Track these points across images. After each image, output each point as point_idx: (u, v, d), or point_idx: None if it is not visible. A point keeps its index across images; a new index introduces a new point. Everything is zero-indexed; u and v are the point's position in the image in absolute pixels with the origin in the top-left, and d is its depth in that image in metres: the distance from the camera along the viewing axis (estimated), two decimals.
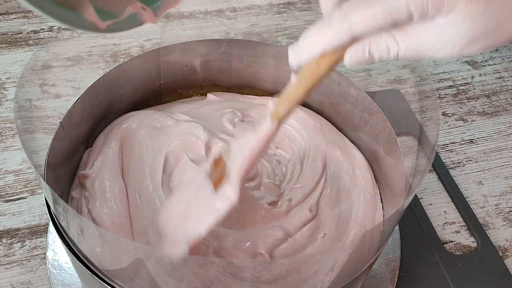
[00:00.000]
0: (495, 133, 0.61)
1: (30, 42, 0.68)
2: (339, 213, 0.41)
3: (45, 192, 0.35)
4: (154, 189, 0.41)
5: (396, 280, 0.44)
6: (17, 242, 0.47)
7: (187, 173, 0.40)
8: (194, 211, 0.34)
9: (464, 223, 0.52)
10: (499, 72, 0.70)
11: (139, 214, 0.40)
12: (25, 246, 0.47)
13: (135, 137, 0.45)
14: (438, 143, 0.59)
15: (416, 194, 0.53)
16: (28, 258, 0.46)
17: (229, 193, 0.32)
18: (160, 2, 0.33)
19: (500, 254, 0.49)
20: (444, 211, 0.53)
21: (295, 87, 0.30)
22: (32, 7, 0.25)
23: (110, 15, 0.30)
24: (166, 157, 0.43)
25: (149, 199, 0.40)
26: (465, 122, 0.63)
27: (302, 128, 0.47)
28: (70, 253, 0.33)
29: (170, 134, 0.45)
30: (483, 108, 0.64)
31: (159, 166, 0.43)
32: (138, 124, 0.46)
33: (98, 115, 0.46)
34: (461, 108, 0.64)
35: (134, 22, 0.32)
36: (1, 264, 0.45)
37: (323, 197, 0.43)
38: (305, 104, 0.51)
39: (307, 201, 0.42)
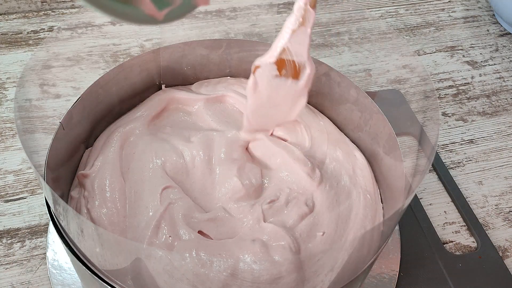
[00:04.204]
0: (495, 133, 0.61)
1: (30, 42, 0.68)
2: (338, 213, 0.41)
3: (45, 192, 0.35)
4: (154, 189, 0.41)
5: (396, 280, 0.44)
6: (17, 242, 0.47)
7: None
8: (285, 102, 0.42)
9: (464, 223, 0.52)
10: (499, 72, 0.70)
11: (137, 213, 0.40)
12: (25, 246, 0.47)
13: (138, 137, 0.45)
14: (438, 143, 0.59)
15: (416, 194, 0.53)
16: (28, 258, 0.46)
17: (311, 67, 0.40)
18: None
19: (500, 254, 0.49)
20: (444, 211, 0.53)
21: None
22: (85, 3, 0.25)
23: (164, 3, 0.30)
24: (167, 159, 0.43)
25: (149, 199, 0.40)
26: (465, 122, 0.63)
27: (306, 126, 0.48)
28: (70, 253, 0.33)
29: (174, 139, 0.45)
30: (483, 108, 0.64)
31: (159, 168, 0.43)
32: (141, 124, 0.46)
33: (98, 115, 0.46)
34: (461, 108, 0.64)
35: (188, 6, 0.32)
36: (1, 264, 0.45)
37: (322, 196, 0.43)
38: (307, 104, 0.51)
39: (301, 198, 0.42)
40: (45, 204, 0.36)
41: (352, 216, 0.41)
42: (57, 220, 0.34)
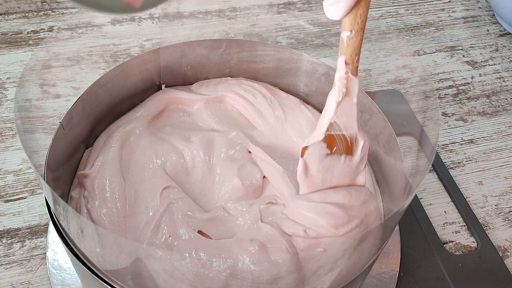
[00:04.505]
0: (495, 133, 0.61)
1: (30, 42, 0.68)
2: None
3: (45, 192, 0.35)
4: (154, 189, 0.41)
5: (396, 280, 0.44)
6: (17, 242, 0.47)
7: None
8: (342, 182, 0.38)
9: (464, 223, 0.52)
10: (499, 72, 0.70)
11: (137, 213, 0.40)
12: (25, 246, 0.47)
13: (138, 137, 0.45)
14: (438, 143, 0.59)
15: (416, 194, 0.53)
16: (28, 258, 0.46)
17: (365, 138, 0.37)
18: None
19: (500, 254, 0.49)
20: (444, 211, 0.53)
21: (355, 38, 0.33)
22: None
23: None
24: (167, 159, 0.43)
25: (149, 199, 0.40)
26: (465, 122, 0.63)
27: (306, 128, 0.47)
28: (70, 253, 0.33)
29: (174, 139, 0.45)
30: (483, 108, 0.64)
31: (159, 167, 0.43)
32: (141, 124, 0.46)
33: (98, 115, 0.46)
34: (461, 108, 0.64)
35: None
36: (1, 264, 0.45)
37: None
38: (307, 104, 0.51)
39: None
40: (45, 204, 0.36)
41: None
42: (57, 220, 0.34)
